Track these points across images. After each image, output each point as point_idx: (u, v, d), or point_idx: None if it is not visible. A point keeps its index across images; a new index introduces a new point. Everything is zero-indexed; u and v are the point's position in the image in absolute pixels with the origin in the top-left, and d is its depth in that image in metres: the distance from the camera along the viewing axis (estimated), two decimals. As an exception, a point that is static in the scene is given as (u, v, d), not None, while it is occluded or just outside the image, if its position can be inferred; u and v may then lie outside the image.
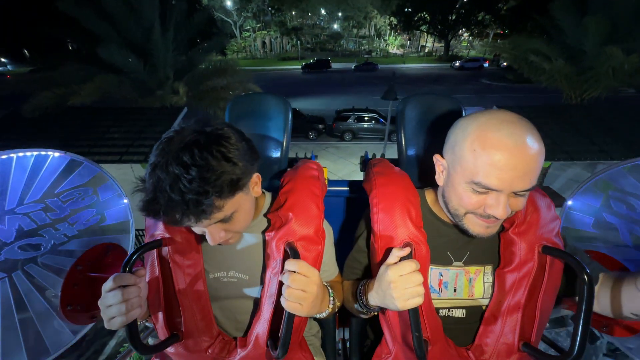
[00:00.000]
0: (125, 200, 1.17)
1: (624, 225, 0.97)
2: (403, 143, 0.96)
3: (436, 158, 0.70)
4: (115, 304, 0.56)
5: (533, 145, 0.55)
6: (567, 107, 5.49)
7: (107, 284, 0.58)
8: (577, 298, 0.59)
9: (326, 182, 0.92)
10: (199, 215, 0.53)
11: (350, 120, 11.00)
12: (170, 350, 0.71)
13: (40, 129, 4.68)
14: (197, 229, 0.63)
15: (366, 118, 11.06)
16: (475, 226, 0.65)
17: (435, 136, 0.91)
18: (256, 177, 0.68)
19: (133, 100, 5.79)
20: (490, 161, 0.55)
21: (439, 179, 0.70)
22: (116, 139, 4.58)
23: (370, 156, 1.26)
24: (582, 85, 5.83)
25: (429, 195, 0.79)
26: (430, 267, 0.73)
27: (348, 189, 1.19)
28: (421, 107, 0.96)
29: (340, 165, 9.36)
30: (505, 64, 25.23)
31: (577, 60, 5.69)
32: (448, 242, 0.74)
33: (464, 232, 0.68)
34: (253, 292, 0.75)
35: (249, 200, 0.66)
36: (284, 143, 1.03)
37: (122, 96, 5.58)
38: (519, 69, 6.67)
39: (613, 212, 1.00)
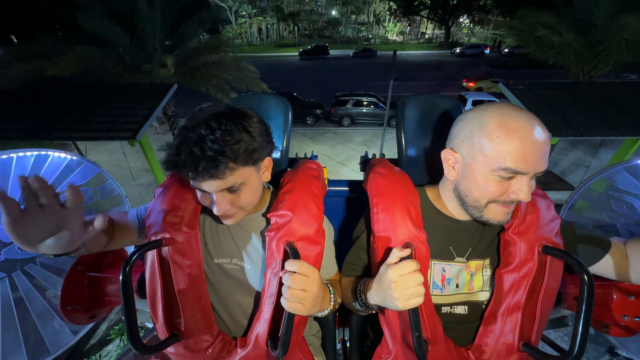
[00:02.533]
0: (125, 202, 1.15)
1: (624, 225, 0.97)
2: (403, 143, 0.95)
3: (446, 152, 0.69)
4: None
5: (544, 129, 0.59)
6: (575, 85, 5.30)
7: None
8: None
9: (326, 182, 0.92)
10: (213, 170, 0.57)
11: (348, 105, 10.72)
12: (170, 350, 0.71)
13: (23, 104, 4.39)
14: (205, 199, 0.65)
15: (365, 103, 10.78)
16: (497, 214, 0.65)
17: (435, 136, 0.92)
18: (267, 162, 0.71)
19: (119, 75, 5.49)
20: (516, 145, 0.57)
21: (450, 173, 0.69)
22: (103, 115, 4.33)
23: (370, 156, 1.24)
24: (592, 60, 5.64)
25: (429, 192, 0.80)
26: (433, 261, 0.73)
27: (348, 189, 1.19)
28: (421, 107, 0.95)
29: (339, 150, 9.19)
30: (506, 50, 25.00)
31: (587, 33, 5.47)
32: (450, 236, 0.74)
33: (480, 222, 0.69)
34: (255, 282, 0.75)
35: (258, 179, 0.69)
36: (284, 143, 1.01)
37: (107, 71, 5.27)
38: (526, 46, 6.41)
39: (613, 212, 1.00)
